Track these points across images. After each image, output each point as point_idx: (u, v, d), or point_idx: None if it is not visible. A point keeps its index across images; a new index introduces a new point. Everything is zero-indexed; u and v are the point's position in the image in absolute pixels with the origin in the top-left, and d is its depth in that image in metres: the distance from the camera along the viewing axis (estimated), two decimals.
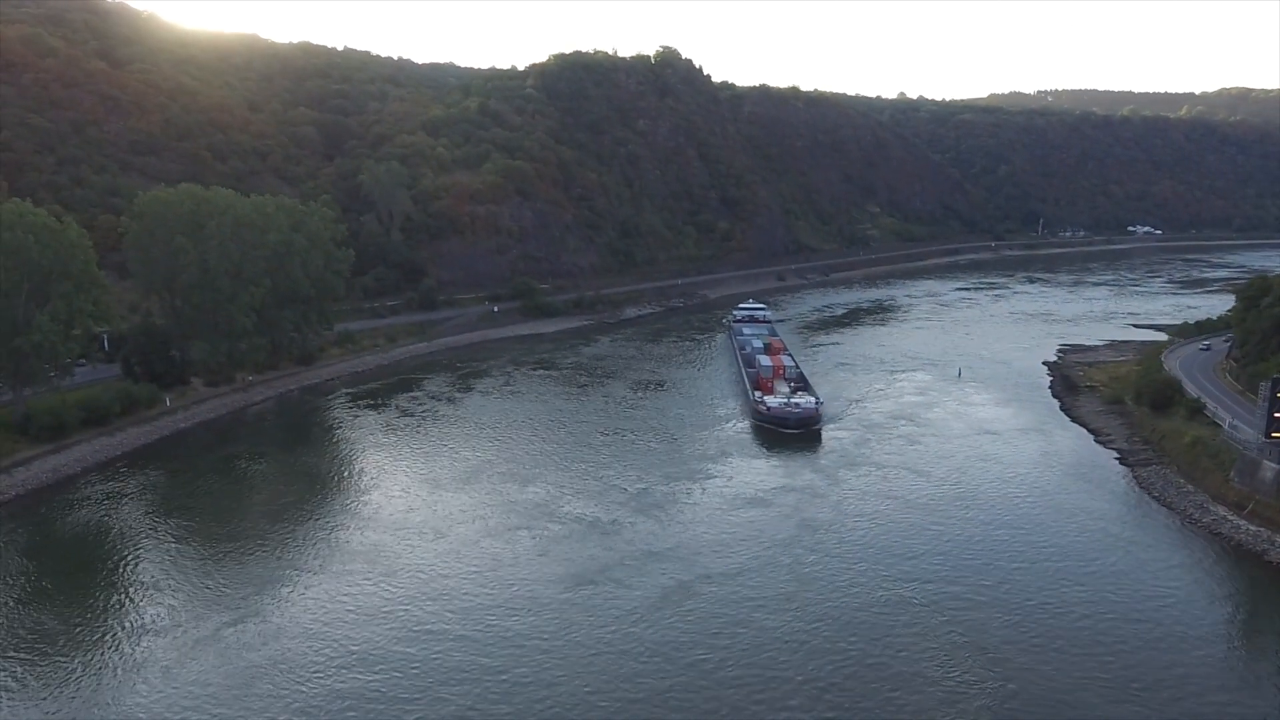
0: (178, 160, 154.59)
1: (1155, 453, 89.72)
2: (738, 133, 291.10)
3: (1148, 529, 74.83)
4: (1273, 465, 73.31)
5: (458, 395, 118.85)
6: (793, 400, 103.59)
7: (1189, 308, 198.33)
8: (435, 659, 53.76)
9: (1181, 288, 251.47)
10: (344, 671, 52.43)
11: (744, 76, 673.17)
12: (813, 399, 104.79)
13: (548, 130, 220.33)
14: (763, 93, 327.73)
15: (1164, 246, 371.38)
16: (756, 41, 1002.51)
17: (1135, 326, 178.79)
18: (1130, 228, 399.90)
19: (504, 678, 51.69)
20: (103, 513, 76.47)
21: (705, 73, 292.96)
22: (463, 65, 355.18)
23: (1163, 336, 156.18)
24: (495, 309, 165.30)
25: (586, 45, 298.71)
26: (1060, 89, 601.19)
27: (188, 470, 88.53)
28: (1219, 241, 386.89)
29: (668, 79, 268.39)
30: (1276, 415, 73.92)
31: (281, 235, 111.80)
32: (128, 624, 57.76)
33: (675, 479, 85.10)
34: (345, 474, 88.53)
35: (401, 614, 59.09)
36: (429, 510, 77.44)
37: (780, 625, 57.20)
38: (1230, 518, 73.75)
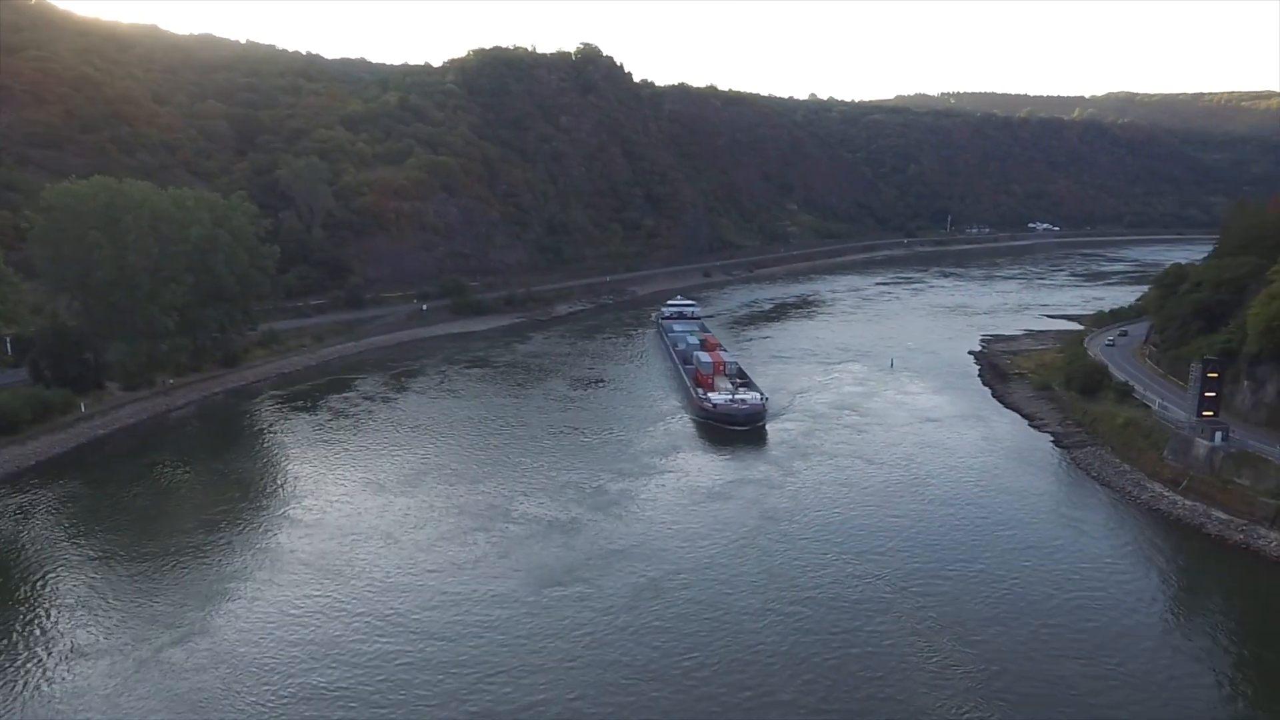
0: (82, 153, 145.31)
1: (1089, 435, 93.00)
2: (659, 131, 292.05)
3: (1092, 507, 77.36)
4: (1205, 443, 76.69)
5: (393, 396, 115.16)
6: (738, 396, 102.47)
7: (1095, 299, 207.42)
8: (405, 669, 51.26)
9: (1084, 281, 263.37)
10: (309, 687, 49.51)
11: (660, 75, 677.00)
12: (758, 394, 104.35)
13: (471, 126, 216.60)
14: (682, 91, 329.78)
15: (1062, 242, 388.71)
16: (670, 41, 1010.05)
17: (1048, 317, 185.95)
18: (1030, 225, 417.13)
19: (484, 684, 49.61)
20: (16, 529, 70.52)
21: (626, 70, 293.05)
22: (374, 61, 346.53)
23: (1075, 326, 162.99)
24: (424, 307, 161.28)
25: (499, 42, 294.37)
26: (962, 91, 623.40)
27: (109, 480, 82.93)
28: (1111, 237, 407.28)
29: (589, 76, 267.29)
30: (1208, 395, 77.46)
31: (204, 230, 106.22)
32: (57, 650, 52.78)
33: (629, 475, 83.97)
34: (281, 479, 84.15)
35: (362, 623, 56.11)
36: (376, 515, 74.23)
37: (758, 616, 56.62)
38: (1167, 494, 76.84)
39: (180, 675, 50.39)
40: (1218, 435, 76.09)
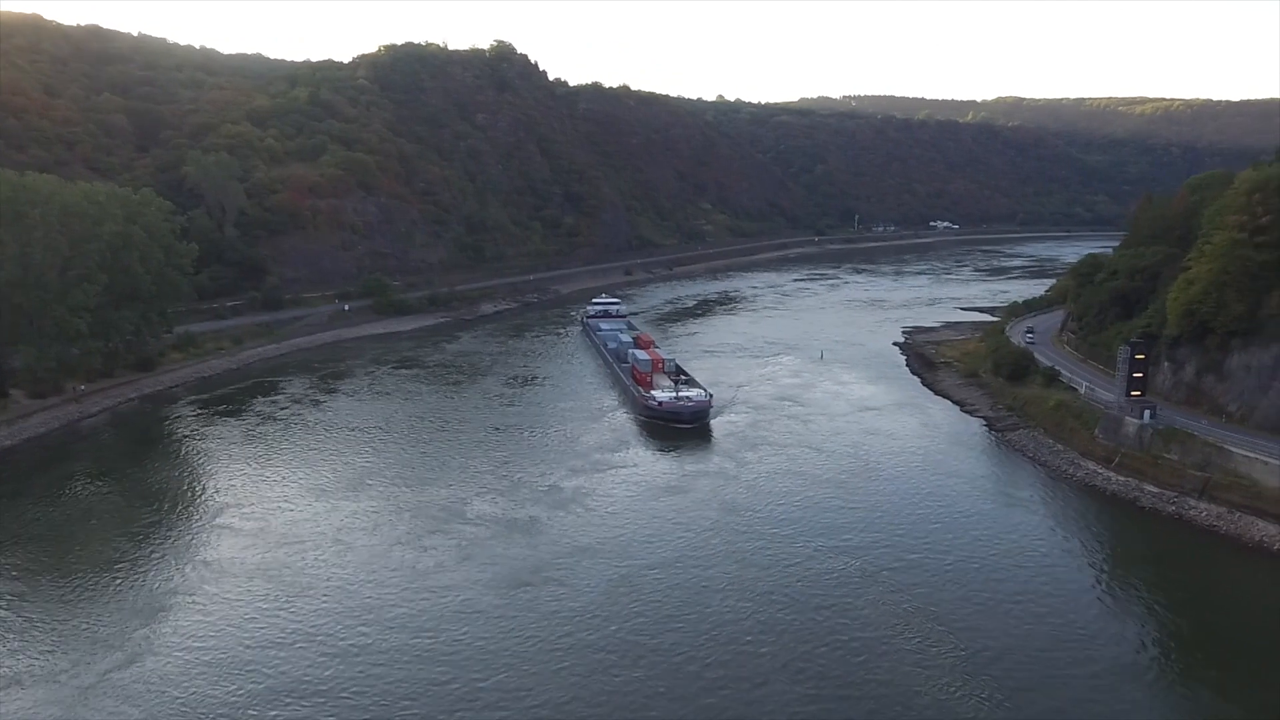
0: None
1: (1020, 418, 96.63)
2: (576, 130, 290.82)
3: (1032, 486, 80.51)
4: (1134, 420, 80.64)
5: (322, 398, 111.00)
6: (683, 394, 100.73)
7: (1001, 292, 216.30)
8: (377, 676, 49.13)
9: (987, 275, 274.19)
10: (279, 704, 47.01)
11: (571, 75, 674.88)
12: (702, 391, 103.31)
13: (385, 122, 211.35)
14: (596, 91, 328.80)
15: (962, 240, 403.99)
16: (579, 40, 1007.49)
17: (961, 309, 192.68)
18: (932, 223, 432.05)
19: (468, 696, 47.80)
20: None
21: (541, 69, 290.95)
22: (273, 57, 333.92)
23: (988, 317, 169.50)
24: (347, 307, 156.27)
25: (400, 38, 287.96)
26: (863, 94, 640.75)
27: (20, 494, 77.02)
28: (1006, 235, 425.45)
29: (505, 73, 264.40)
30: (1135, 375, 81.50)
31: (117, 227, 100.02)
32: None
33: (581, 472, 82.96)
34: (213, 487, 79.34)
35: (327, 634, 53.19)
36: (322, 520, 71.08)
37: (738, 607, 56.51)
38: (1101, 471, 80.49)
39: (133, 699, 47.09)
40: (1146, 413, 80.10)
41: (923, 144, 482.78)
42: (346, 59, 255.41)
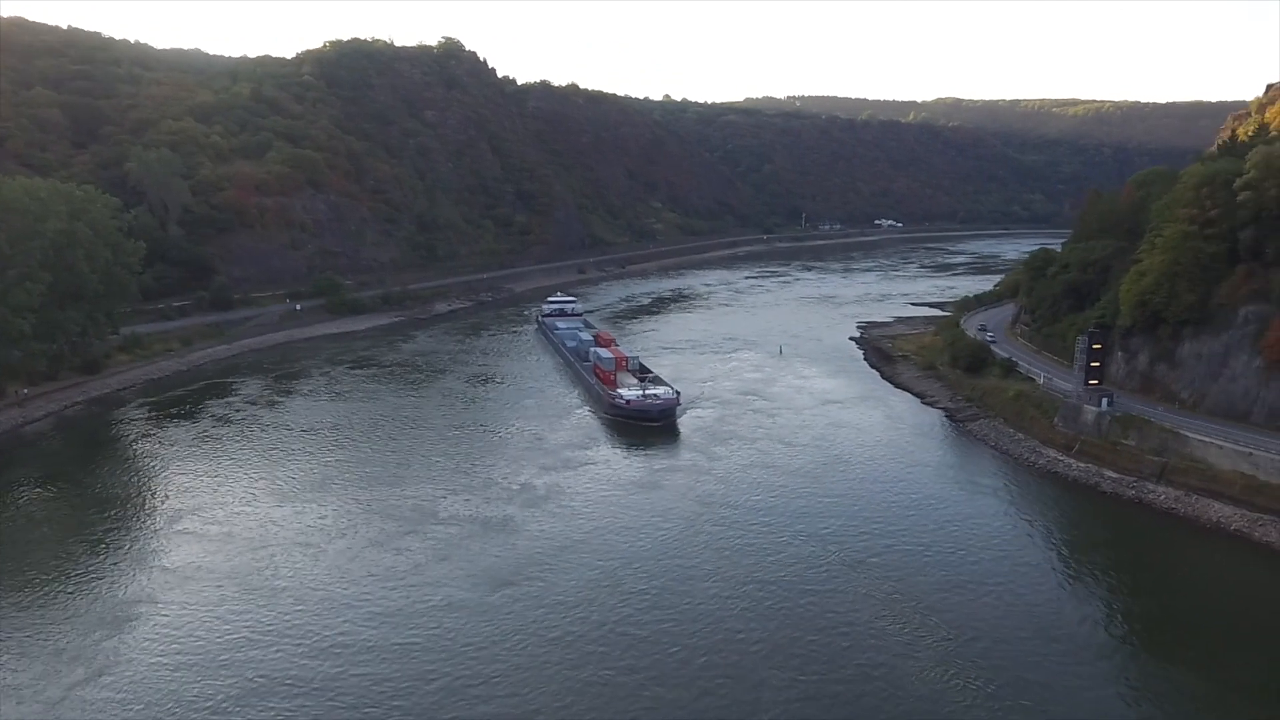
0: None
1: (980, 408, 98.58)
2: (525, 128, 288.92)
3: (996, 474, 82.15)
4: (1093, 409, 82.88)
5: (279, 399, 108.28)
6: (650, 392, 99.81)
7: (948, 288, 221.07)
8: (364, 677, 48.10)
9: (933, 272, 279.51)
10: (263, 702, 45.71)
11: (519, 73, 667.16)
12: (669, 388, 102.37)
13: (332, 119, 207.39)
14: (545, 89, 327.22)
15: (906, 237, 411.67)
16: (524, 38, 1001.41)
17: (912, 305, 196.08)
18: (876, 221, 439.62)
19: (453, 697, 46.99)
20: None
21: (490, 66, 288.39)
22: (211, 52, 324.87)
23: (939, 312, 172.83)
24: (298, 307, 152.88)
25: (343, 34, 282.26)
26: (807, 94, 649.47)
27: None
28: (948, 232, 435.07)
29: (453, 70, 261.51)
30: (1093, 365, 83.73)
31: (61, 224, 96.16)
32: None
33: (551, 470, 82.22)
34: (170, 493, 76.34)
35: (307, 637, 51.76)
36: (291, 524, 69.14)
37: (725, 601, 56.49)
38: (1062, 458, 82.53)
39: (103, 712, 45.27)
40: (1104, 401, 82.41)
41: (866, 144, 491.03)
42: (288, 55, 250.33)
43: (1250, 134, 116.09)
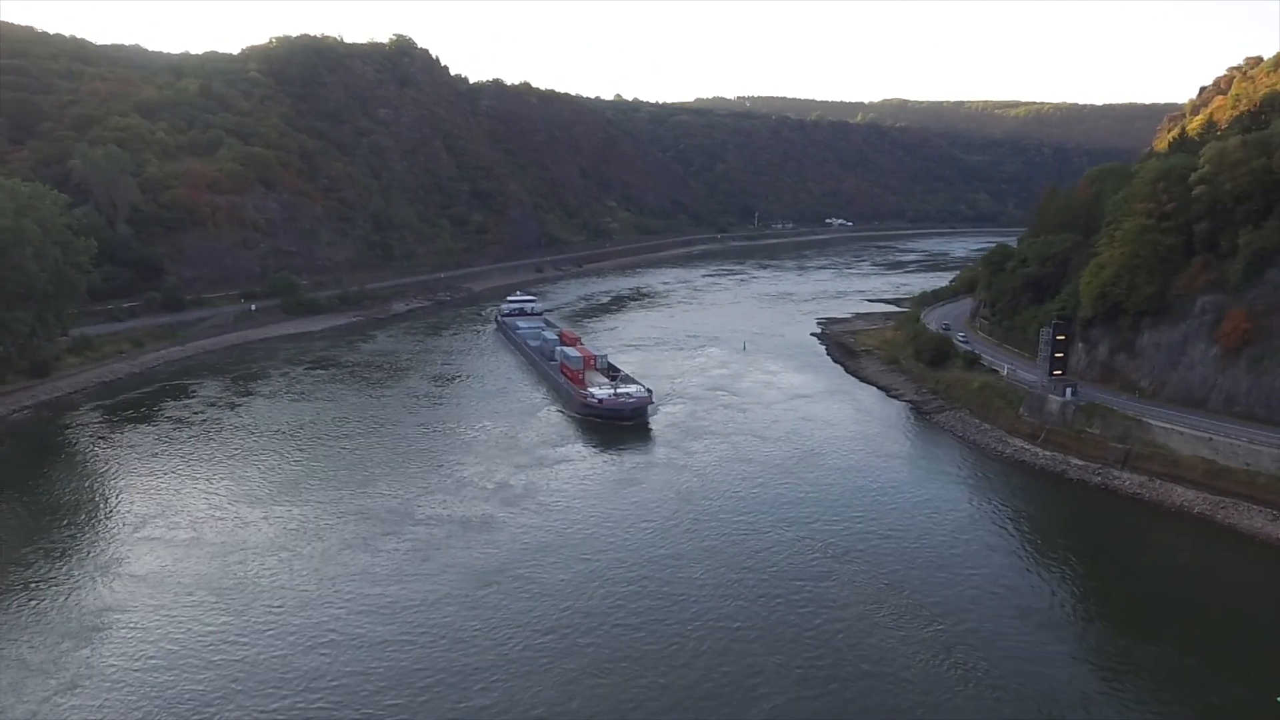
0: None
1: (945, 400, 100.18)
2: (480, 127, 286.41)
3: (964, 464, 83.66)
4: (1057, 398, 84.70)
5: (239, 401, 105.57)
6: (622, 390, 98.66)
7: (901, 285, 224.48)
8: (354, 677, 47.16)
9: (886, 269, 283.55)
10: (252, 698, 44.47)
11: (470, 71, 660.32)
12: (640, 386, 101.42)
13: (282, 116, 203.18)
14: (498, 88, 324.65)
15: (856, 236, 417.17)
16: (473, 36, 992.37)
17: (869, 301, 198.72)
18: (828, 220, 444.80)
19: (440, 694, 46.27)
20: None
21: (443, 64, 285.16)
22: (152, 49, 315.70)
23: (895, 308, 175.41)
24: (254, 307, 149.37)
25: (292, 30, 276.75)
26: (756, 95, 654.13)
27: None
28: (897, 231, 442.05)
29: (406, 68, 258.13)
30: (1057, 355, 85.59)
31: (7, 221, 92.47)
32: None
33: (526, 468, 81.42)
34: (131, 498, 73.66)
35: (284, 642, 50.66)
36: (260, 527, 67.42)
37: (715, 593, 56.62)
38: (1028, 447, 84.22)
39: None
40: (1068, 391, 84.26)
41: (816, 144, 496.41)
42: (233, 52, 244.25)
43: (1200, 131, 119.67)
